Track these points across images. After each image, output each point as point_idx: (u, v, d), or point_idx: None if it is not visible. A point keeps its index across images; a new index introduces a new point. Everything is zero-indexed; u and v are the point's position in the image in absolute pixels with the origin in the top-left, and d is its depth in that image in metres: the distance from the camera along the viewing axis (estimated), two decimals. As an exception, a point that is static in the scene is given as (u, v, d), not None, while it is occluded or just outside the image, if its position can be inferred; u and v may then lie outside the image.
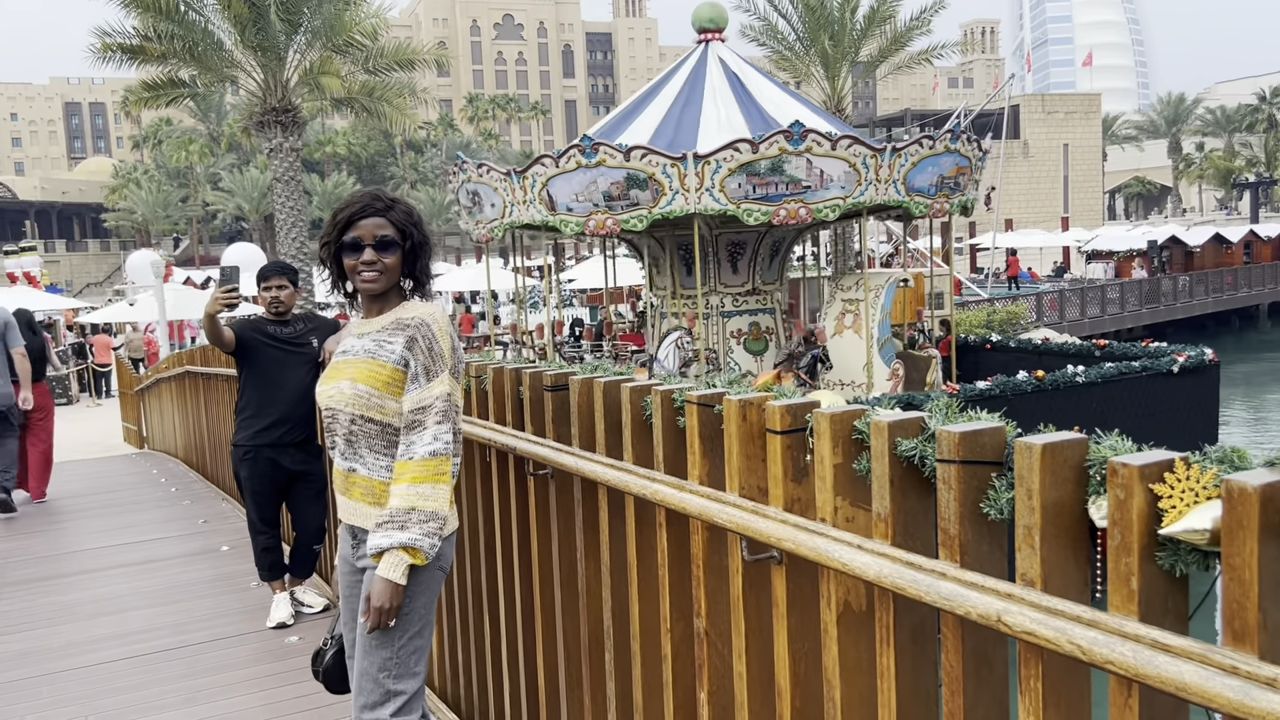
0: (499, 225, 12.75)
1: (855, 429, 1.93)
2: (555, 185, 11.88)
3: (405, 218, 2.68)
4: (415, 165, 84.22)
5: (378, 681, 2.63)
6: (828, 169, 11.49)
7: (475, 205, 13.26)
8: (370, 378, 2.61)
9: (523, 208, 12.22)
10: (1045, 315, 28.90)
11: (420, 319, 2.63)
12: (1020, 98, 58.13)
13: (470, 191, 13.28)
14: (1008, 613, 1.47)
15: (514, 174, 12.25)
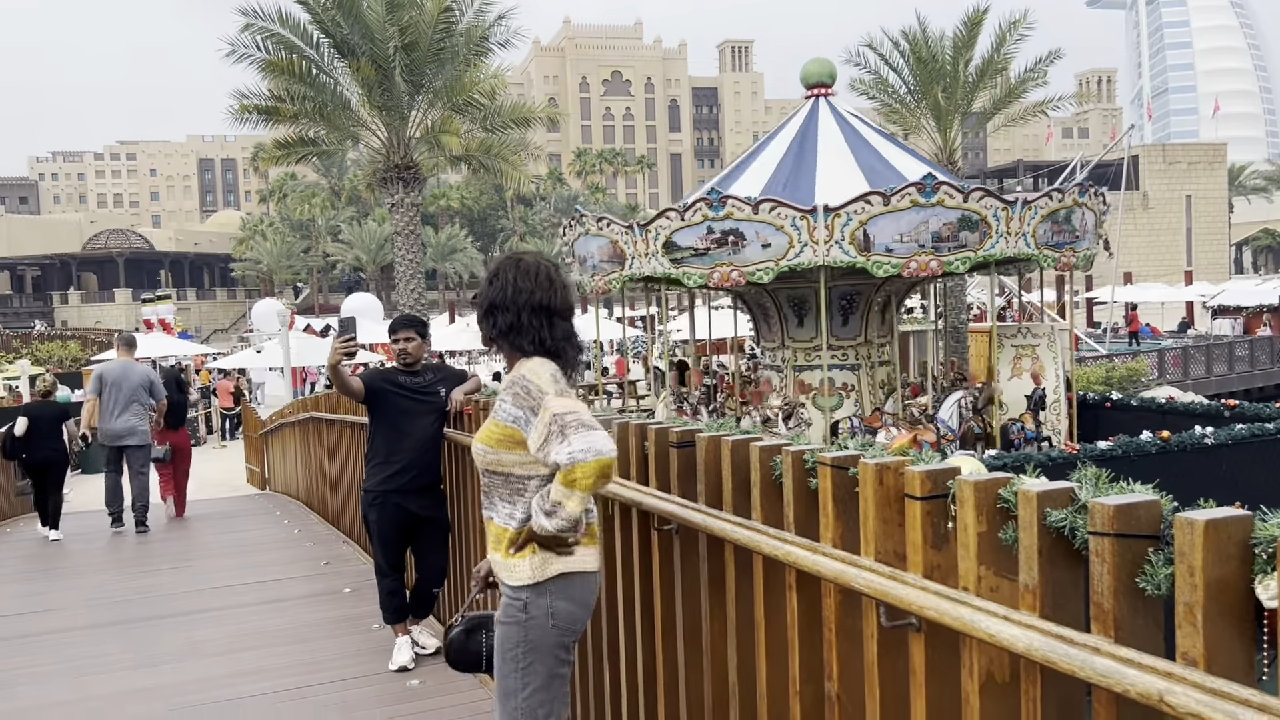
0: (617, 278, 12.82)
1: (1000, 497, 1.91)
2: (680, 238, 11.88)
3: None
4: (525, 218, 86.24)
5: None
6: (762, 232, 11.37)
7: (590, 258, 13.42)
8: (487, 436, 2.82)
9: (644, 260, 12.26)
10: (1168, 372, 27.77)
11: (520, 374, 2.79)
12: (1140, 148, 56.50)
13: (586, 244, 13.45)
14: (1170, 693, 1.44)
15: (636, 227, 12.31)
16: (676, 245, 11.80)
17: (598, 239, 12.68)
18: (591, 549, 2.85)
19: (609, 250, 12.65)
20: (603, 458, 2.56)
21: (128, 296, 73.88)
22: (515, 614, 2.75)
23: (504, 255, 2.96)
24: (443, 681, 5.10)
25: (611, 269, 12.64)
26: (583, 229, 13.51)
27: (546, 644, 2.74)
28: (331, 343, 5.05)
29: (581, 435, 2.58)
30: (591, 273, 13.36)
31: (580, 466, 2.55)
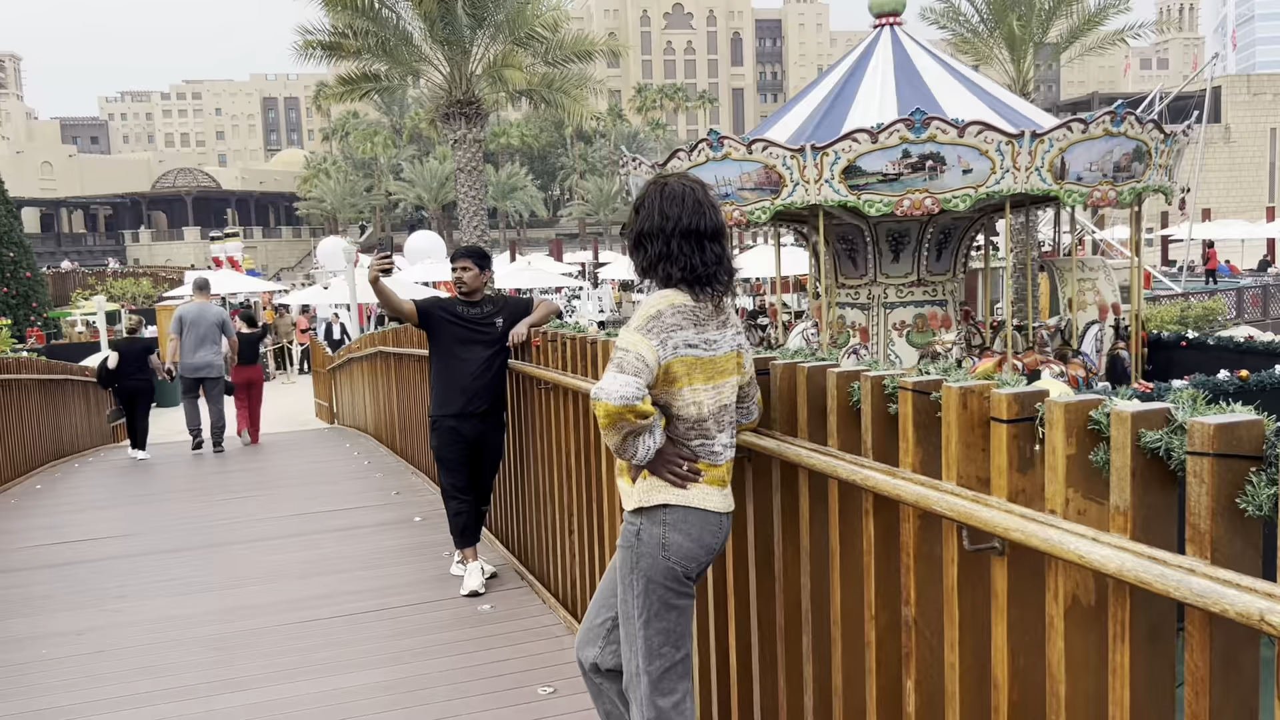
0: (767, 208, 12.41)
1: (1091, 419, 1.87)
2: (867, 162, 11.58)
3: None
4: (584, 155, 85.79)
5: (628, 659, 2.81)
6: (964, 157, 10.95)
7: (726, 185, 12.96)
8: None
9: (813, 187, 11.90)
10: (1247, 312, 26.96)
11: (644, 300, 2.79)
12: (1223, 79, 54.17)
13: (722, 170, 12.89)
14: (1272, 612, 1.41)
15: (810, 150, 11.45)
16: (861, 170, 11.49)
17: (742, 164, 12.14)
18: (715, 489, 2.79)
19: (760, 176, 12.19)
20: (608, 403, 2.53)
21: (196, 235, 75.41)
22: (629, 538, 2.78)
23: (649, 181, 2.86)
24: (513, 607, 5.22)
25: (758, 198, 12.15)
26: (720, 151, 13.00)
27: (657, 573, 2.73)
28: (370, 262, 5.19)
29: (610, 373, 2.58)
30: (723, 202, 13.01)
31: (597, 404, 2.56)
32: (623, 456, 2.69)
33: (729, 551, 3.27)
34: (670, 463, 2.72)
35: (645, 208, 2.76)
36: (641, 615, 2.76)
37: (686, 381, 2.70)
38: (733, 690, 3.32)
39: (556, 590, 5.15)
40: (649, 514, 2.74)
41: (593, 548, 4.46)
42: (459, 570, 5.66)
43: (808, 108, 13.26)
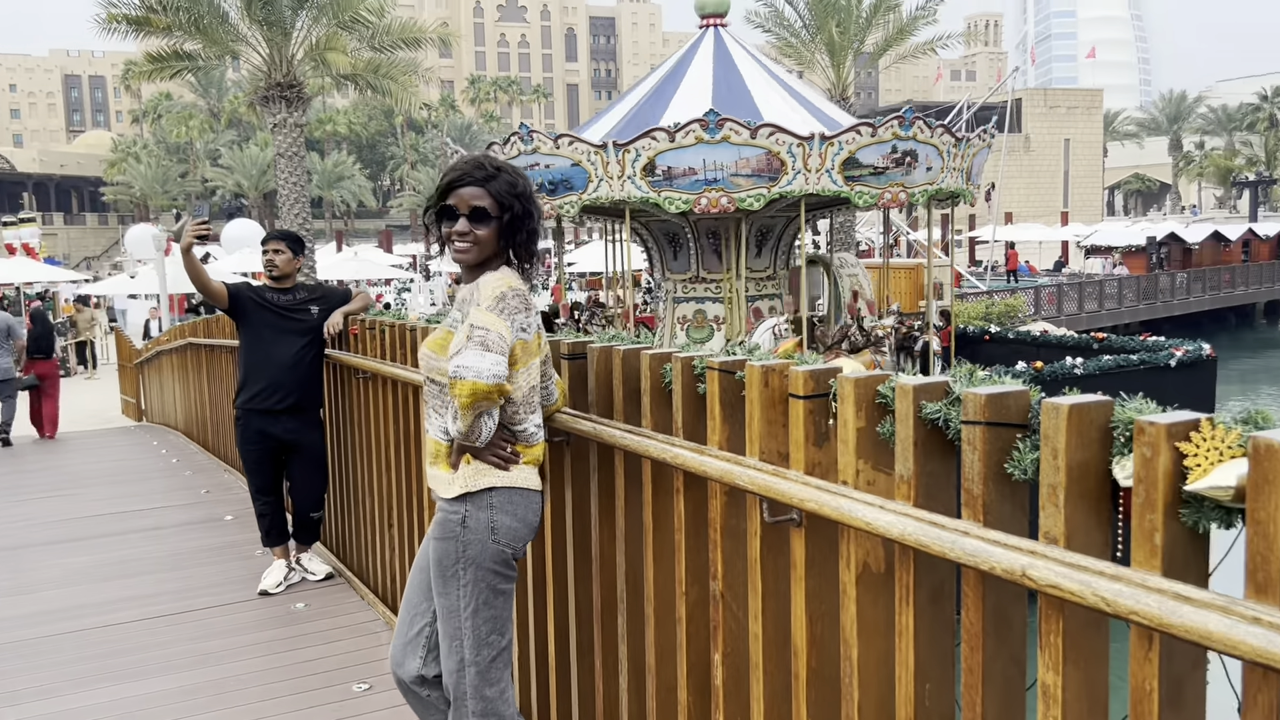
0: (575, 202, 12.40)
1: (879, 393, 1.96)
2: (865, 155, 11.65)
3: (507, 189, 2.63)
4: (416, 146, 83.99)
5: (450, 654, 2.73)
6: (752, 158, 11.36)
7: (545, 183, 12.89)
8: (435, 341, 2.73)
9: (615, 183, 11.93)
10: (1043, 309, 28.98)
11: (478, 285, 2.62)
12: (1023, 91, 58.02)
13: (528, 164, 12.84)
14: (1033, 567, 1.51)
15: (612, 147, 11.64)
16: (858, 163, 11.56)
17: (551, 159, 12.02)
18: (532, 469, 2.77)
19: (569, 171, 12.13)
20: (478, 381, 2.44)
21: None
22: (453, 528, 2.67)
23: (513, 168, 2.73)
24: (328, 604, 5.06)
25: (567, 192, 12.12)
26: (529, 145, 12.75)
27: (486, 559, 2.67)
28: (185, 225, 4.82)
29: (474, 352, 2.47)
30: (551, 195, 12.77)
31: (458, 384, 2.46)
32: (468, 440, 2.61)
33: (548, 536, 3.26)
34: (495, 445, 2.68)
35: (525, 189, 2.71)
36: (469, 605, 2.70)
37: (521, 364, 2.68)
38: (551, 675, 3.32)
39: (375, 586, 5.02)
40: (474, 499, 2.68)
41: (413, 541, 4.36)
42: (273, 576, 5.39)
43: (629, 104, 13.50)
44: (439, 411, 2.75)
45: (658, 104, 13.00)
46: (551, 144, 11.65)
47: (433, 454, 2.76)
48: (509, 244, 2.68)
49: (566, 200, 11.83)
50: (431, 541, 2.76)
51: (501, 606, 2.76)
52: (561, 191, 11.84)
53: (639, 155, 11.34)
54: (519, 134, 11.91)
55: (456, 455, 2.69)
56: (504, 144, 12.07)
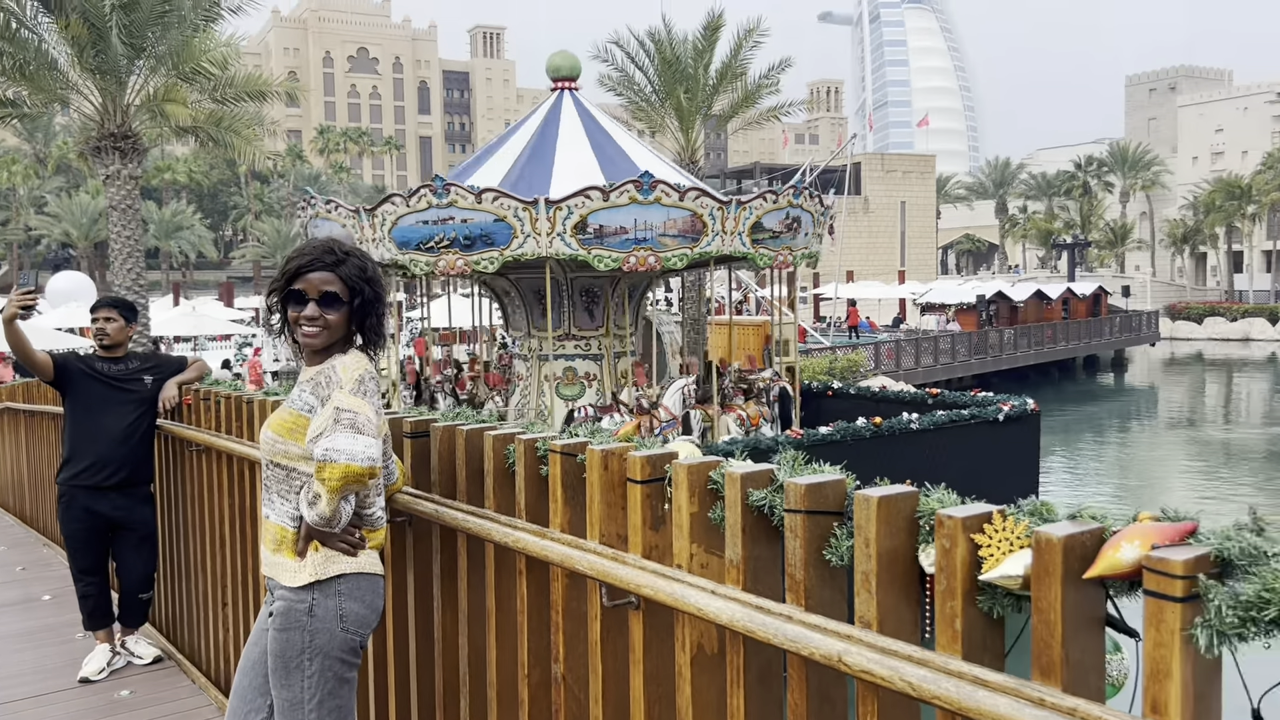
0: (495, 258, 12.28)
1: (711, 479, 2.04)
2: (406, 224, 11.88)
3: (358, 274, 2.63)
4: (260, 196, 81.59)
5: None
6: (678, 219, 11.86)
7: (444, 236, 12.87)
8: (279, 423, 2.66)
9: (371, 246, 12.09)
10: (883, 364, 30.28)
11: (329, 366, 2.62)
12: (862, 156, 61.01)
13: (317, 228, 13.03)
14: (847, 653, 1.60)
15: (363, 211, 12.12)
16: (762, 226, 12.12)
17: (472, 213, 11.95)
18: (375, 554, 2.72)
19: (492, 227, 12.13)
20: (352, 464, 2.41)
21: None
22: (299, 618, 2.58)
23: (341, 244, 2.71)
24: (157, 690, 4.79)
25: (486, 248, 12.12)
26: (313, 210, 13.02)
27: (334, 648, 2.60)
28: (10, 296, 4.56)
29: (344, 435, 2.44)
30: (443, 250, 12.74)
31: (329, 466, 2.42)
32: (329, 525, 2.54)
33: (389, 619, 3.20)
34: (345, 530, 2.63)
35: (375, 273, 2.72)
36: (314, 697, 2.60)
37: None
38: (393, 761, 3.24)
39: (208, 669, 4.79)
40: (323, 587, 2.62)
41: (249, 620, 4.19)
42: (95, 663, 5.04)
43: (505, 162, 13.64)
44: (284, 496, 2.68)
45: (542, 163, 13.23)
46: (472, 198, 11.59)
47: (275, 541, 2.67)
48: (358, 328, 2.68)
49: (485, 256, 11.80)
50: (270, 632, 2.66)
51: (346, 696, 2.69)
52: (480, 247, 11.80)
53: (570, 213, 11.50)
54: (431, 185, 11.79)
55: (305, 542, 2.62)
56: (410, 196, 11.91)
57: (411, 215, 11.88)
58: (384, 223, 11.98)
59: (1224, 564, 1.25)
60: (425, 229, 11.85)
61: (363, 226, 12.13)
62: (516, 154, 13.71)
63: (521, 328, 14.52)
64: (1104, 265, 76.94)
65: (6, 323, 4.52)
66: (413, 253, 11.80)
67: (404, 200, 11.89)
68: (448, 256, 11.80)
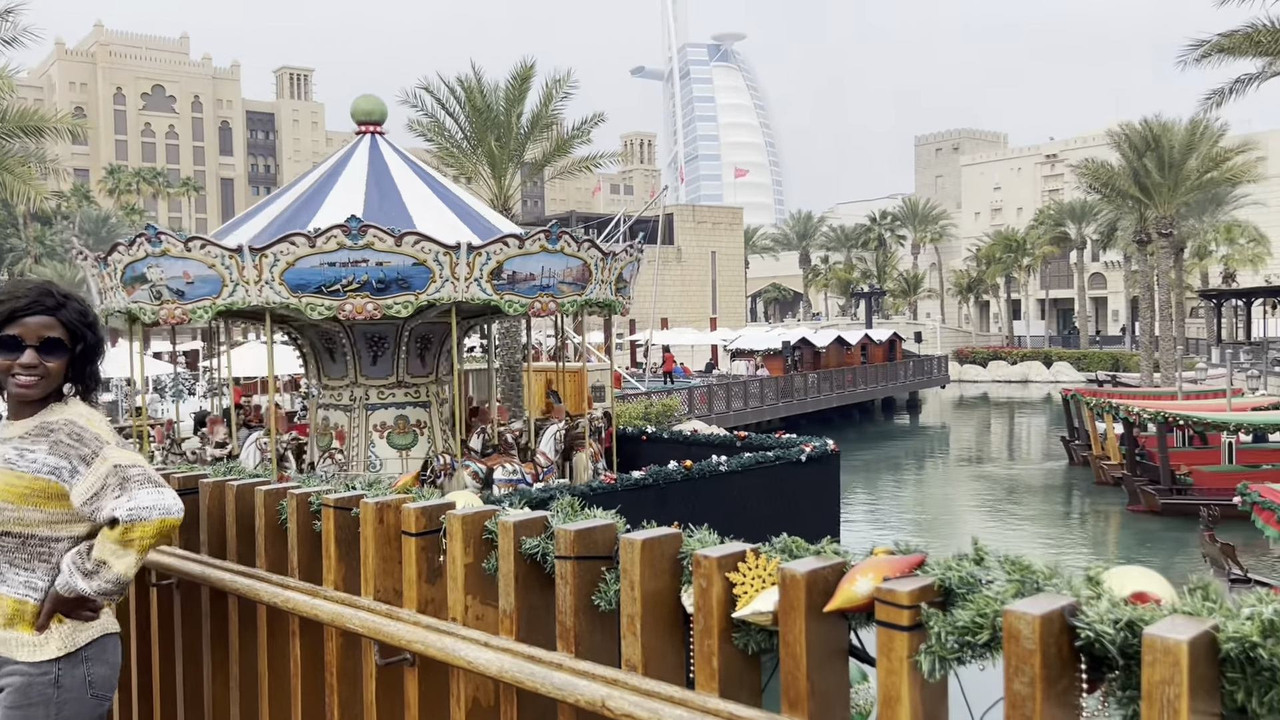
0: (209, 307, 11.59)
1: (486, 529, 2.02)
2: (307, 266, 11.21)
3: (79, 318, 2.47)
4: (41, 238, 75.90)
5: None
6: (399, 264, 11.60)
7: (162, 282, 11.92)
8: (6, 490, 2.40)
9: (253, 288, 11.25)
10: (696, 408, 30.97)
11: (65, 419, 2.45)
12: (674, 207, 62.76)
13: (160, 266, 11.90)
14: (610, 698, 1.60)
15: (248, 251, 11.19)
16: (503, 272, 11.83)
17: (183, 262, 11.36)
18: (110, 609, 2.57)
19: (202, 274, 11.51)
20: (169, 517, 2.33)
21: None
22: (43, 691, 2.38)
23: (58, 286, 2.55)
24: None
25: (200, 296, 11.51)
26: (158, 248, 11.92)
27: (83, 716, 2.44)
28: None
29: (148, 491, 2.34)
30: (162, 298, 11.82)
31: (142, 525, 2.30)
32: (114, 589, 2.39)
33: (157, 689, 2.99)
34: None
35: (95, 317, 2.57)
36: None
37: None
38: (160, 845, 3.01)
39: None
40: (71, 657, 2.43)
41: None
42: None
43: (280, 206, 13.25)
44: (20, 566, 2.45)
45: (309, 208, 12.79)
46: (182, 246, 11.12)
47: (9, 616, 2.44)
48: (78, 376, 2.51)
49: (399, 300, 11.31)
50: (3, 711, 2.43)
51: None
52: (394, 290, 11.35)
53: (277, 260, 11.16)
54: (146, 235, 11.37)
55: (49, 615, 2.41)
56: (130, 245, 11.39)
57: (315, 256, 11.23)
58: (275, 264, 11.21)
59: (946, 593, 1.33)
60: (331, 271, 11.32)
61: (243, 267, 11.30)
62: (293, 199, 13.33)
63: (345, 376, 13.90)
64: (898, 312, 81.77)
65: None
66: (309, 296, 11.22)
67: (307, 240, 11.26)
68: (355, 300, 11.29)
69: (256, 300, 11.23)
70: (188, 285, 11.32)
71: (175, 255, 11.27)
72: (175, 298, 11.41)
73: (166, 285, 11.31)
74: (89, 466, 2.40)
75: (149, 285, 11.32)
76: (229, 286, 11.23)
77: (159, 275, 11.22)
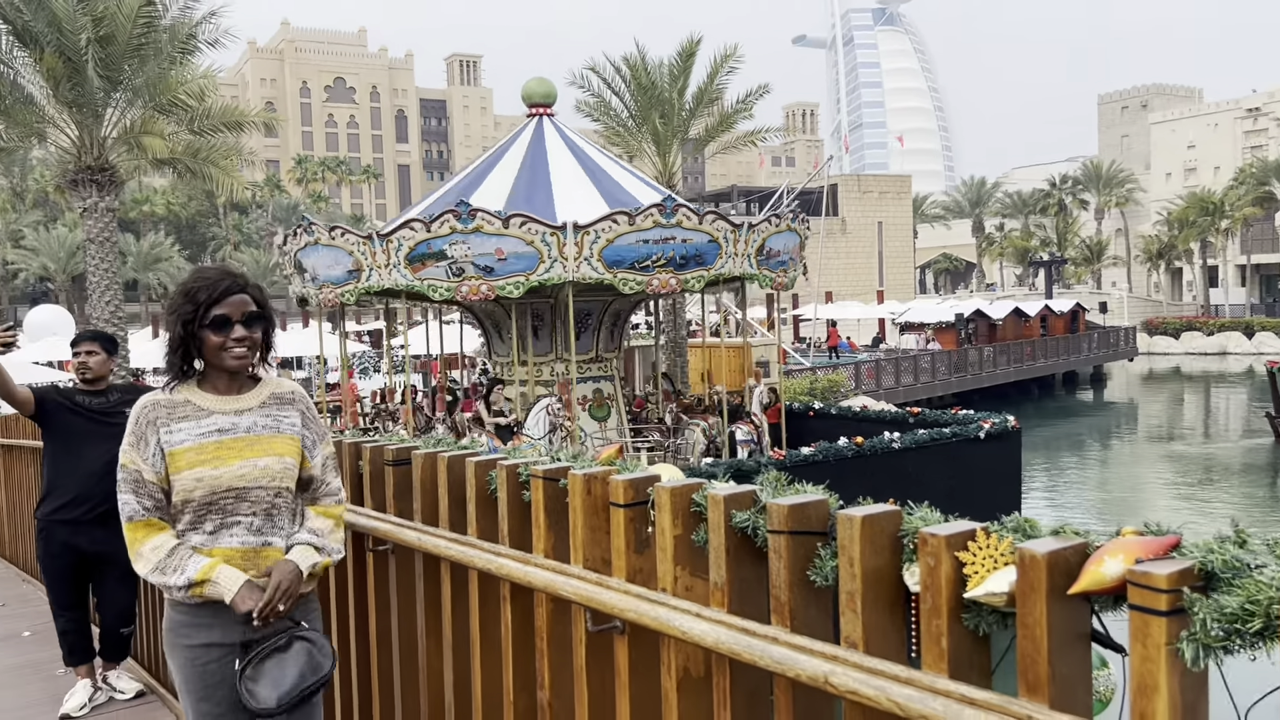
0: (352, 291, 12.44)
1: (694, 502, 2.04)
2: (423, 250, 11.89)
3: (261, 294, 2.73)
4: (239, 226, 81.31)
5: None
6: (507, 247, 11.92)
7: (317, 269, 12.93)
8: (291, 450, 2.71)
9: (384, 272, 12.02)
10: (864, 383, 30.36)
11: (297, 392, 2.81)
12: (838, 177, 61.45)
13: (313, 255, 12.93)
14: (834, 674, 1.59)
15: (376, 237, 12.02)
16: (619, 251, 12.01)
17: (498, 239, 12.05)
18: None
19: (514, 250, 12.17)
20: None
21: None
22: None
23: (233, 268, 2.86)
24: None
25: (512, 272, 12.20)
26: (311, 237, 12.91)
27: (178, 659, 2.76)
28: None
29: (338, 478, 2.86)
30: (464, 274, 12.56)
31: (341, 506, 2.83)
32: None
33: (373, 647, 3.17)
34: None
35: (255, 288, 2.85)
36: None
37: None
38: (378, 794, 3.20)
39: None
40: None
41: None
42: (77, 698, 4.98)
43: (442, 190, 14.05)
44: (292, 519, 2.72)
45: (466, 192, 13.39)
46: (499, 223, 11.80)
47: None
48: (266, 344, 2.73)
49: (510, 280, 12.02)
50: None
51: None
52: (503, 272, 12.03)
53: (401, 245, 11.69)
54: (455, 211, 12.12)
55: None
56: (431, 223, 12.19)
57: (433, 240, 11.89)
58: (399, 248, 11.92)
59: (1208, 577, 1.26)
60: (644, 248, 12.03)
61: (373, 252, 12.05)
62: (511, 180, 13.82)
63: (508, 354, 14.44)
64: (1081, 282, 77.59)
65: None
66: (623, 272, 11.93)
67: (424, 226, 11.93)
68: (471, 282, 11.87)
69: (573, 276, 11.82)
70: (499, 262, 11.75)
71: (489, 232, 11.77)
72: (481, 274, 11.90)
73: (473, 261, 11.77)
74: (322, 443, 2.79)
75: (448, 262, 11.75)
76: (545, 263, 11.73)
77: (464, 252, 11.70)
